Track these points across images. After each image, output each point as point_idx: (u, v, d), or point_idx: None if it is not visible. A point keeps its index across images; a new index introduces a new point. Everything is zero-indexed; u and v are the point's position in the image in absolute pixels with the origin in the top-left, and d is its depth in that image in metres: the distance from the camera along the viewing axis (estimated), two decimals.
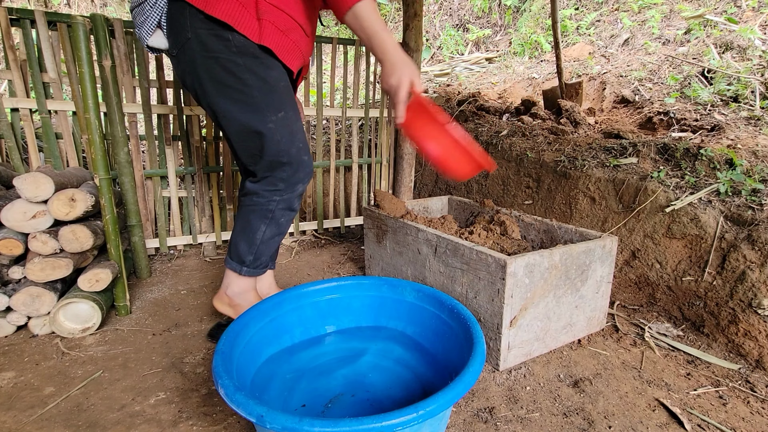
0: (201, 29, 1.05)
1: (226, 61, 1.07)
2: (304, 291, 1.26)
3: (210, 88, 1.11)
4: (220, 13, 1.03)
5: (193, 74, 1.11)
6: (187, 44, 1.07)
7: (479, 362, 0.89)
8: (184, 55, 1.10)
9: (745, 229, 1.42)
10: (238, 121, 1.13)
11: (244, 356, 1.05)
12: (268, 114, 1.12)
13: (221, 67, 1.08)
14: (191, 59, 1.09)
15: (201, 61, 1.08)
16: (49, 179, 1.35)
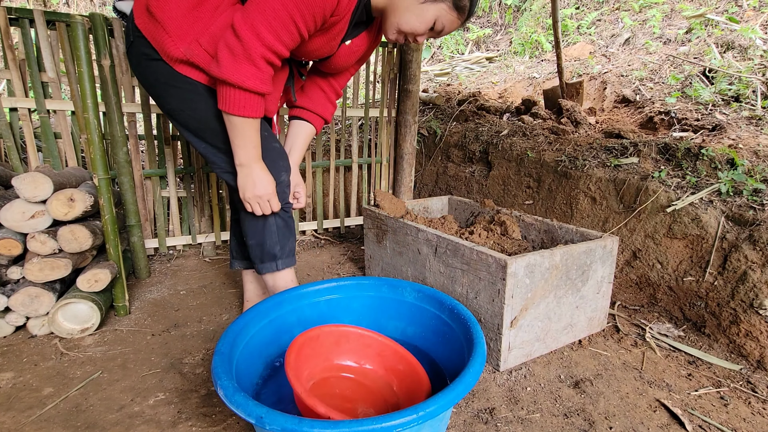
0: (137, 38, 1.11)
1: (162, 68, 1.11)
2: (303, 291, 1.26)
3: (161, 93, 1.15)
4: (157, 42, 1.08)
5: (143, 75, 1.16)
6: (131, 46, 1.14)
7: (480, 363, 0.89)
8: (130, 52, 1.16)
9: (746, 229, 1.42)
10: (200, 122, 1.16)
11: (243, 357, 1.05)
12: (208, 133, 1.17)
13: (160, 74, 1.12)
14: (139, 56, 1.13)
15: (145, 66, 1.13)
16: (47, 179, 1.35)
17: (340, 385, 1.05)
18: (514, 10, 4.95)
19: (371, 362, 1.10)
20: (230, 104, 1.04)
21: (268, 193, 1.16)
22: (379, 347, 1.09)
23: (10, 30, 1.69)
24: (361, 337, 1.10)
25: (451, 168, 2.59)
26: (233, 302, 1.66)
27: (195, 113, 1.14)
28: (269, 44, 1.00)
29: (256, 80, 1.02)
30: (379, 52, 2.31)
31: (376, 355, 1.09)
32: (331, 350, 1.09)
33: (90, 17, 1.63)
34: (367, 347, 1.10)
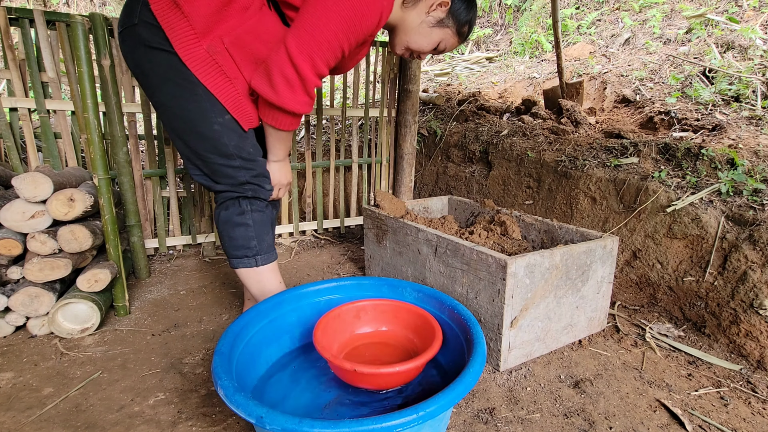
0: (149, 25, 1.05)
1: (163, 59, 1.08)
2: (303, 291, 1.26)
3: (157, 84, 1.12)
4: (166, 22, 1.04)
5: (139, 64, 1.12)
6: (135, 29, 1.07)
7: (480, 363, 0.89)
8: (128, 36, 1.09)
9: (746, 229, 1.42)
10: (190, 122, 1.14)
11: (243, 357, 1.05)
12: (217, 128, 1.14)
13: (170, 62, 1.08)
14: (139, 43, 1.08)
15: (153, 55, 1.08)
16: (47, 179, 1.34)
17: (367, 351, 1.16)
18: (514, 10, 4.95)
19: (389, 324, 1.21)
20: (281, 123, 1.15)
21: (290, 182, 1.34)
22: (394, 310, 1.20)
23: (10, 30, 1.69)
24: (376, 307, 1.21)
25: (451, 168, 2.59)
26: (233, 302, 1.66)
27: (184, 113, 1.12)
28: (322, 74, 1.08)
29: (308, 107, 1.12)
30: (379, 52, 2.31)
31: (393, 317, 1.20)
32: (353, 324, 1.19)
33: (90, 17, 1.63)
34: (383, 313, 1.21)
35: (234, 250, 1.26)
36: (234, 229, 1.24)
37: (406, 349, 1.16)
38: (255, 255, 1.27)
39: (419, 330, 1.15)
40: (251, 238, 1.25)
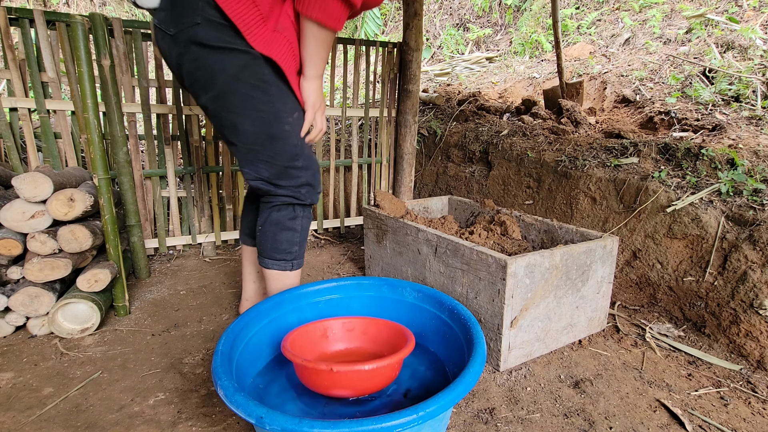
0: (213, 18, 0.98)
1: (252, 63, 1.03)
2: (303, 291, 1.26)
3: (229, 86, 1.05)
4: (237, 16, 0.98)
5: (200, 63, 1.03)
6: (194, 30, 0.99)
7: (480, 363, 0.89)
8: (185, 37, 1.01)
9: (746, 229, 1.42)
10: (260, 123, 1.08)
11: (243, 357, 1.05)
12: (288, 128, 1.11)
13: (249, 70, 1.03)
14: (200, 45, 1.01)
15: (216, 53, 1.01)
16: (47, 179, 1.34)
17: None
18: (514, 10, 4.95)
19: (360, 341, 1.18)
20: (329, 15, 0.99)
21: (324, 107, 1.18)
22: (363, 326, 1.18)
23: (10, 30, 1.69)
24: (343, 324, 1.18)
25: (451, 168, 2.59)
26: (233, 302, 1.66)
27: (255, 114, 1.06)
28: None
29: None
30: (379, 52, 2.31)
31: (362, 333, 1.18)
32: (321, 342, 1.16)
33: (90, 17, 1.63)
34: (350, 331, 1.18)
35: (274, 251, 1.23)
36: (282, 233, 1.21)
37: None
38: (293, 260, 1.25)
39: (391, 341, 1.13)
40: (295, 243, 1.23)
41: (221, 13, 0.98)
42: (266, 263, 1.25)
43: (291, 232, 1.22)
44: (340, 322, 1.18)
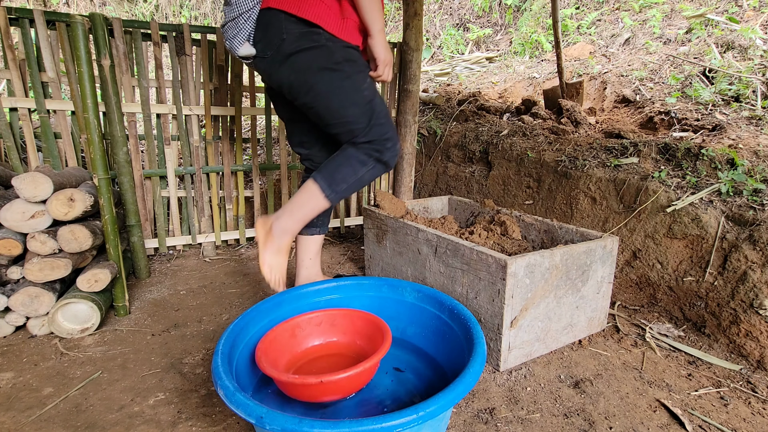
0: (294, 30, 1.20)
1: (327, 52, 1.21)
2: (303, 291, 1.26)
3: (311, 76, 1.22)
4: (311, 16, 1.18)
5: (292, 68, 1.22)
6: (282, 44, 1.20)
7: (480, 363, 0.89)
8: (279, 54, 1.22)
9: (746, 229, 1.42)
10: (349, 101, 1.24)
11: (243, 357, 1.05)
12: (368, 93, 1.27)
13: (319, 56, 1.21)
14: (289, 55, 1.21)
15: (300, 55, 1.20)
16: (47, 179, 1.34)
17: (315, 365, 1.13)
18: (514, 10, 4.95)
19: (334, 335, 1.20)
20: None
21: (392, 60, 1.35)
22: (331, 319, 1.20)
23: (10, 30, 1.69)
24: (310, 321, 1.19)
25: (451, 168, 2.59)
26: (233, 302, 1.66)
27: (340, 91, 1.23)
28: None
29: None
30: None
31: (331, 326, 1.20)
32: (291, 343, 1.16)
33: (90, 17, 1.63)
34: (318, 326, 1.20)
35: (328, 174, 1.31)
36: (345, 167, 1.30)
37: (356, 354, 1.15)
38: (334, 192, 1.32)
39: (364, 332, 1.15)
40: (346, 182, 1.31)
41: (300, 24, 1.19)
42: (315, 177, 1.32)
43: (352, 173, 1.30)
44: (308, 317, 1.18)
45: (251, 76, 2.07)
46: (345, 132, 1.28)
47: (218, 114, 2.07)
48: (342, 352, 1.17)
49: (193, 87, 2.02)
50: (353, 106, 1.25)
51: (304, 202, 1.33)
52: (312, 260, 1.56)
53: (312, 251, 1.56)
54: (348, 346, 1.18)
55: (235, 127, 2.12)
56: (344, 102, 1.24)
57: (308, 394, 0.96)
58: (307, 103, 1.26)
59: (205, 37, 2.01)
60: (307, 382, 0.91)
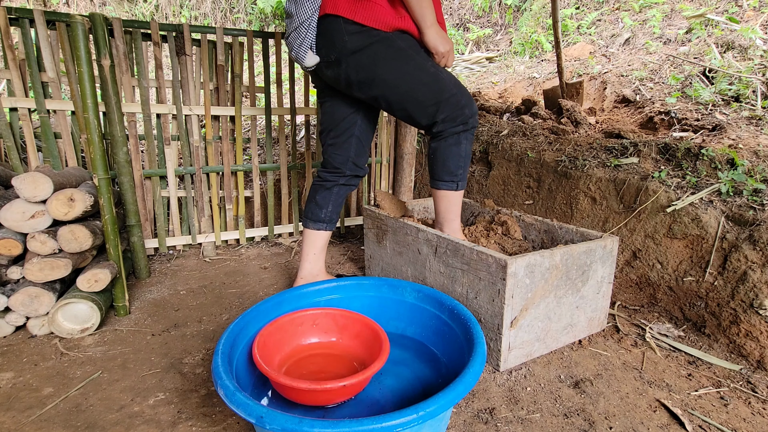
0: (353, 30, 1.26)
1: (387, 43, 1.28)
2: (303, 291, 1.26)
3: (377, 67, 1.28)
4: (367, 20, 1.26)
5: (358, 64, 1.29)
6: (345, 45, 1.27)
7: (480, 363, 0.89)
8: (343, 55, 1.28)
9: (746, 229, 1.42)
10: (417, 81, 1.30)
11: (243, 357, 1.05)
12: (433, 70, 1.32)
13: (380, 48, 1.28)
14: (353, 53, 1.27)
15: (364, 51, 1.27)
16: (47, 179, 1.35)
17: (311, 362, 1.14)
18: (514, 10, 4.95)
19: (334, 335, 1.20)
20: None
21: (451, 47, 1.38)
22: (338, 320, 1.20)
23: (10, 30, 1.69)
24: (307, 317, 1.19)
25: None
26: (233, 302, 1.66)
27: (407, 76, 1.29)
28: None
29: None
30: None
31: (336, 326, 1.20)
32: (294, 336, 1.17)
33: (90, 17, 1.63)
34: (314, 324, 1.20)
35: (444, 174, 1.40)
36: (449, 158, 1.38)
37: (352, 358, 1.15)
38: (459, 180, 1.41)
39: (364, 338, 1.14)
40: (460, 167, 1.40)
41: (357, 26, 1.26)
42: (437, 185, 1.43)
43: (456, 157, 1.38)
44: (316, 313, 1.19)
45: (251, 76, 2.07)
46: (422, 114, 1.34)
47: (218, 114, 2.07)
48: (336, 353, 1.17)
49: (193, 87, 2.02)
50: (422, 86, 1.30)
51: (450, 206, 1.45)
52: (316, 255, 1.60)
53: (317, 246, 1.59)
54: (343, 347, 1.18)
55: (235, 127, 2.12)
56: (413, 84, 1.30)
57: (301, 399, 0.97)
58: (379, 95, 1.33)
59: (205, 37, 2.01)
60: (287, 384, 0.91)
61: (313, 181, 1.59)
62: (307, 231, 1.59)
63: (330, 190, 1.56)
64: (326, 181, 1.55)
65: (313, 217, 1.56)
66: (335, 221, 1.60)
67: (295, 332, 1.17)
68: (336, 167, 1.54)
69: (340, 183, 1.56)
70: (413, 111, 1.34)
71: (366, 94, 1.34)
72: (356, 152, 1.54)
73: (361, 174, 1.59)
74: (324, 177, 1.56)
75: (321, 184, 1.56)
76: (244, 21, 6.02)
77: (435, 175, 1.43)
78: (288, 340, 1.16)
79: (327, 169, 1.56)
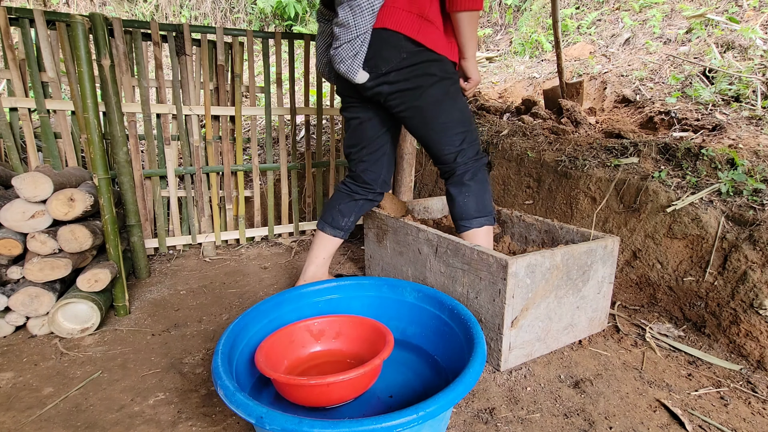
0: (412, 49, 1.27)
1: (439, 63, 1.30)
2: (303, 291, 1.26)
3: (426, 79, 1.30)
4: (428, 41, 1.27)
5: (408, 76, 1.29)
6: (402, 61, 1.27)
7: (480, 363, 0.89)
8: (396, 68, 1.28)
9: (746, 229, 1.42)
10: (457, 108, 1.35)
11: (243, 357, 1.05)
12: (466, 102, 1.40)
13: (434, 65, 1.30)
14: (406, 67, 1.28)
15: (418, 66, 1.28)
16: (47, 179, 1.34)
17: (319, 370, 1.13)
18: (514, 10, 4.95)
19: (345, 342, 1.19)
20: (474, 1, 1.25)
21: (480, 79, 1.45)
22: (348, 326, 1.19)
23: (10, 30, 1.69)
24: (331, 324, 1.19)
25: None
26: (233, 302, 1.66)
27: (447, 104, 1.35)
28: None
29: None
30: None
31: (337, 333, 1.20)
32: (296, 347, 1.16)
33: (90, 17, 1.63)
34: (320, 332, 1.20)
35: (481, 212, 1.41)
36: (483, 195, 1.41)
37: (358, 361, 1.14)
38: (492, 214, 1.44)
39: (367, 340, 1.14)
40: (490, 201, 1.44)
41: (416, 45, 1.27)
42: (477, 222, 1.41)
43: (486, 192, 1.43)
44: (318, 321, 1.19)
45: (251, 76, 2.07)
46: (450, 141, 1.37)
47: (218, 114, 2.07)
48: (344, 360, 1.17)
49: (193, 87, 2.02)
50: (459, 113, 1.36)
51: (489, 243, 1.43)
52: (325, 260, 1.61)
53: (328, 252, 1.60)
54: (351, 354, 1.17)
55: (235, 127, 2.12)
56: (454, 107, 1.35)
57: (306, 397, 0.96)
58: (419, 109, 1.33)
59: (205, 37, 2.01)
60: (291, 383, 0.91)
61: (339, 188, 1.59)
62: (322, 234, 1.58)
63: (356, 202, 1.57)
64: (355, 193, 1.56)
65: (333, 223, 1.56)
66: (350, 232, 1.61)
67: (303, 340, 1.17)
68: (368, 183, 1.55)
69: (368, 198, 1.57)
70: (445, 135, 1.36)
71: (404, 107, 1.34)
72: (387, 170, 1.56)
73: (387, 190, 1.61)
74: (354, 189, 1.56)
75: (349, 195, 1.57)
76: (244, 21, 6.02)
77: (476, 213, 1.41)
78: (295, 348, 1.15)
79: (357, 183, 1.56)
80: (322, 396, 0.96)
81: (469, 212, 1.41)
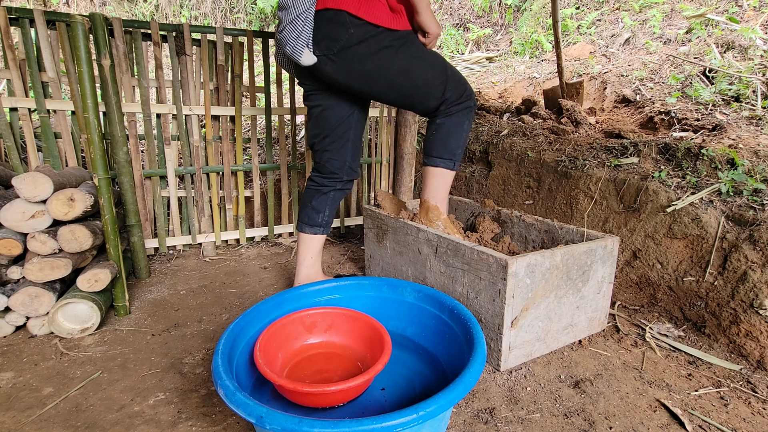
0: (358, 23, 1.25)
1: (386, 32, 1.28)
2: (303, 291, 1.26)
3: (386, 54, 1.29)
4: (371, 17, 1.26)
5: (364, 55, 1.28)
6: (351, 37, 1.25)
7: (480, 363, 0.89)
8: (347, 46, 1.26)
9: (746, 229, 1.42)
10: (425, 62, 1.34)
11: (243, 357, 1.05)
12: (431, 52, 1.38)
13: (385, 37, 1.28)
14: (358, 43, 1.26)
15: (369, 41, 1.27)
16: (47, 179, 1.34)
17: (314, 362, 1.14)
18: (514, 10, 4.95)
19: (338, 334, 1.20)
20: None
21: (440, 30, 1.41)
22: (340, 320, 1.20)
23: (10, 30, 1.69)
24: (324, 316, 1.20)
25: None
26: (233, 302, 1.66)
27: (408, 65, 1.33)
28: None
29: None
30: None
31: (339, 326, 1.20)
32: (296, 337, 1.17)
33: (90, 17, 1.63)
34: (316, 324, 1.20)
35: (443, 152, 1.43)
36: (451, 137, 1.41)
37: (355, 358, 1.15)
38: (456, 160, 1.45)
39: (366, 338, 1.14)
40: (459, 147, 1.44)
41: (360, 20, 1.25)
42: (434, 161, 1.45)
43: (458, 136, 1.43)
44: (321, 312, 1.19)
45: (251, 76, 2.07)
46: (431, 95, 1.37)
47: (218, 114, 2.07)
48: (339, 353, 1.17)
49: (193, 87, 2.02)
50: (431, 68, 1.35)
51: (441, 185, 1.47)
52: (313, 259, 1.60)
53: (314, 250, 1.59)
54: (346, 347, 1.18)
55: (235, 127, 2.12)
56: (422, 66, 1.33)
57: (303, 401, 0.97)
58: (386, 84, 1.33)
59: (205, 37, 2.01)
60: (288, 387, 0.92)
61: (307, 185, 1.58)
62: (303, 236, 1.58)
63: (326, 195, 1.56)
64: (323, 186, 1.54)
65: (309, 221, 1.56)
66: (330, 225, 1.60)
67: (297, 333, 1.17)
68: (333, 172, 1.53)
69: (337, 188, 1.56)
70: (424, 94, 1.36)
71: (370, 86, 1.34)
72: (352, 156, 1.54)
73: (355, 177, 1.58)
74: (320, 182, 1.55)
75: (317, 189, 1.55)
76: (244, 21, 6.02)
77: (433, 152, 1.45)
78: (290, 341, 1.16)
79: (323, 174, 1.54)
80: (324, 400, 0.97)
81: (429, 149, 1.45)
